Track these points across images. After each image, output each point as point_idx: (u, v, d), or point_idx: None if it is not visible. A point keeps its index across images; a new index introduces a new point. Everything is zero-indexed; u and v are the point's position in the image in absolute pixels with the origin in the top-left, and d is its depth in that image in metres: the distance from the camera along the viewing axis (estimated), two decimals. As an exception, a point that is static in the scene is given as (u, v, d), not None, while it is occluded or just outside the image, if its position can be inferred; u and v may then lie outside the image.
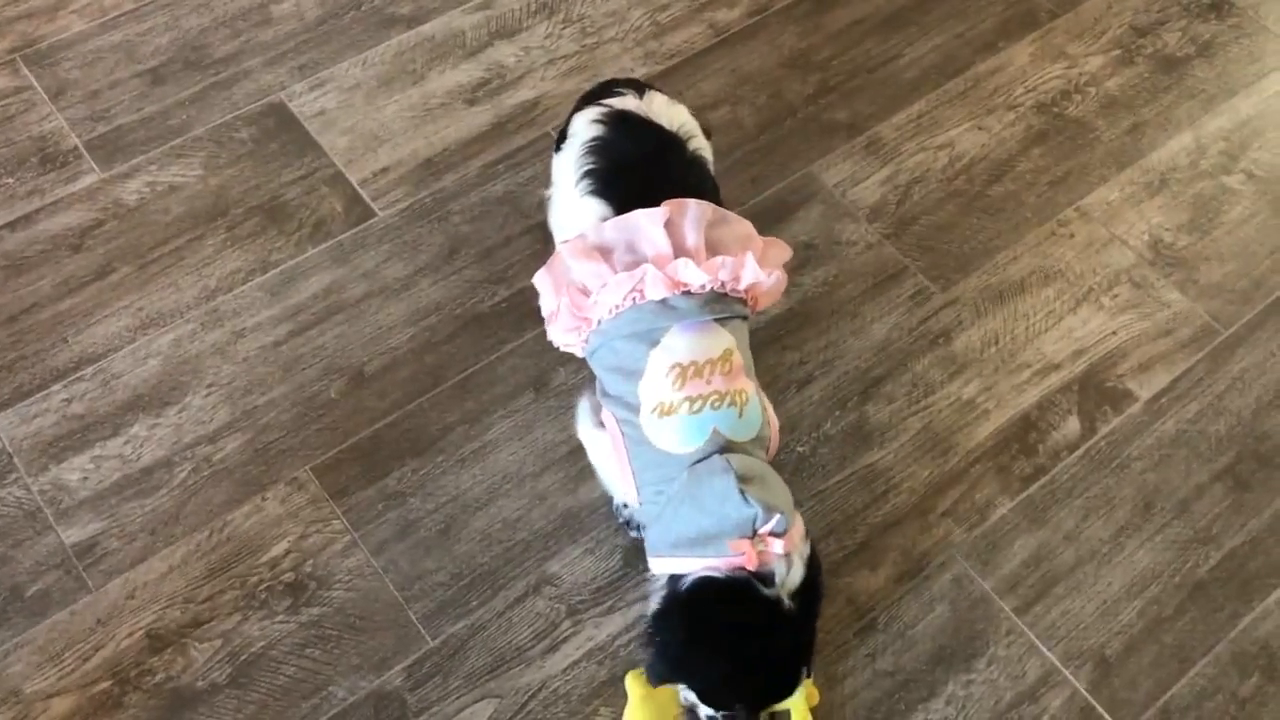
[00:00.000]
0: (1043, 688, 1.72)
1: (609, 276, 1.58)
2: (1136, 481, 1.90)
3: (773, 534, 1.47)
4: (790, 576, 1.48)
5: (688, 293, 1.57)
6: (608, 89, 1.82)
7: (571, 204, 1.73)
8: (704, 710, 1.55)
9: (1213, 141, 2.32)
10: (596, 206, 1.68)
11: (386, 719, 1.65)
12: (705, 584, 1.48)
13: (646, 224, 1.59)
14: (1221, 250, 2.17)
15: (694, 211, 1.61)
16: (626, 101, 1.77)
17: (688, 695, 1.56)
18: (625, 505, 1.76)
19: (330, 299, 2.03)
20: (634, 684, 1.62)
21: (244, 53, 2.33)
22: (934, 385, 1.98)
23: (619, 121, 1.75)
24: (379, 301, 2.03)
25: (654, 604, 1.55)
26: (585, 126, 1.76)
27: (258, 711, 1.66)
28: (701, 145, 1.79)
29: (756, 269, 1.60)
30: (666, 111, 1.78)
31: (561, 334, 1.67)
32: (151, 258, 2.06)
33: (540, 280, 1.66)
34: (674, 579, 1.52)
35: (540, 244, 2.09)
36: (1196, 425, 1.97)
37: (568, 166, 1.76)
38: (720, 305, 1.59)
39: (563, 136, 1.83)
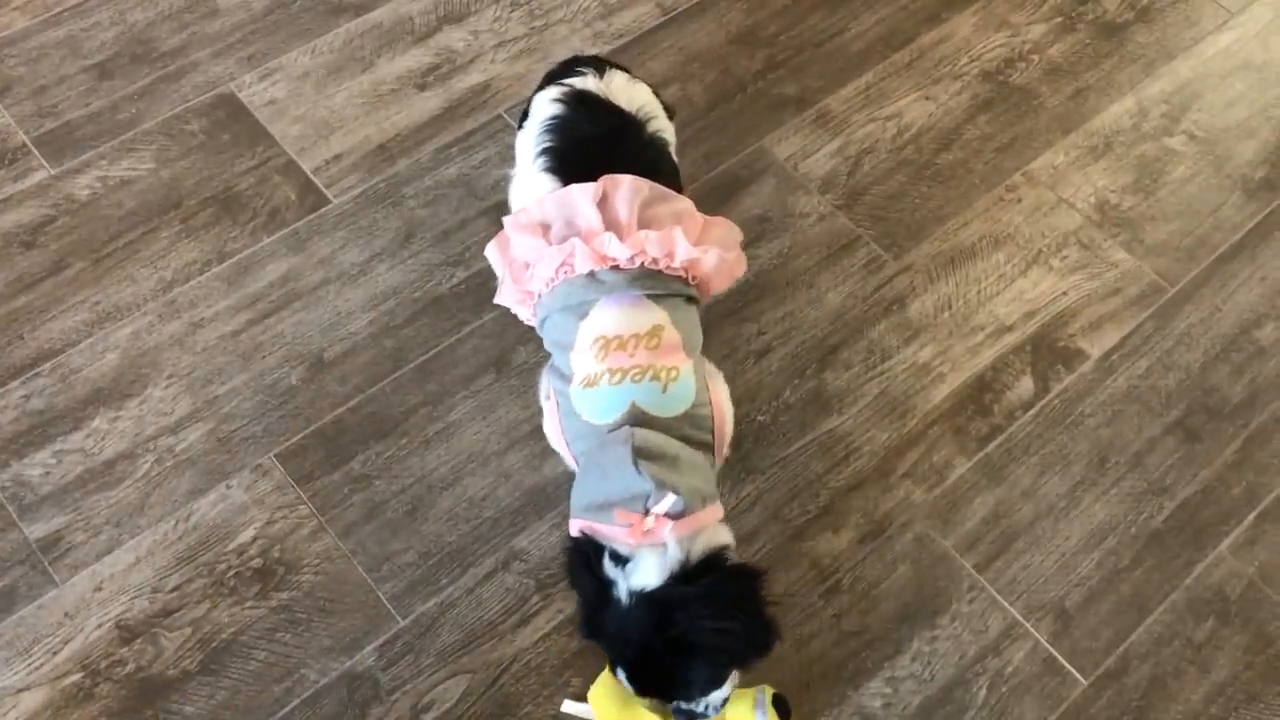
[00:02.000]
0: (1005, 641, 1.75)
1: (544, 250, 1.60)
2: (1090, 437, 1.94)
3: (668, 514, 1.44)
4: (644, 571, 1.43)
5: (616, 267, 1.58)
6: (569, 68, 1.83)
7: (528, 181, 1.75)
8: None
9: (1154, 105, 2.36)
10: (549, 183, 1.70)
11: (360, 699, 1.66)
12: (577, 541, 1.51)
13: (580, 199, 1.61)
14: (1166, 210, 2.21)
15: (628, 187, 1.62)
16: (587, 81, 1.79)
17: None
18: None
19: (288, 286, 2.03)
20: None
21: (191, 45, 2.32)
22: (890, 351, 2.01)
23: (577, 101, 1.76)
24: (336, 288, 2.03)
25: None
26: (545, 105, 1.78)
27: (230, 697, 1.66)
28: (662, 127, 1.80)
29: (688, 245, 1.59)
30: (626, 91, 1.79)
31: (514, 305, 1.70)
32: (106, 252, 2.05)
33: (490, 253, 1.69)
34: None
35: (496, 225, 2.10)
36: (1147, 380, 2.01)
37: (527, 144, 1.78)
38: (653, 281, 1.60)
39: (525, 115, 1.84)
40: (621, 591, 1.45)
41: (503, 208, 2.12)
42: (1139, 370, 2.02)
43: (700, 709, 1.51)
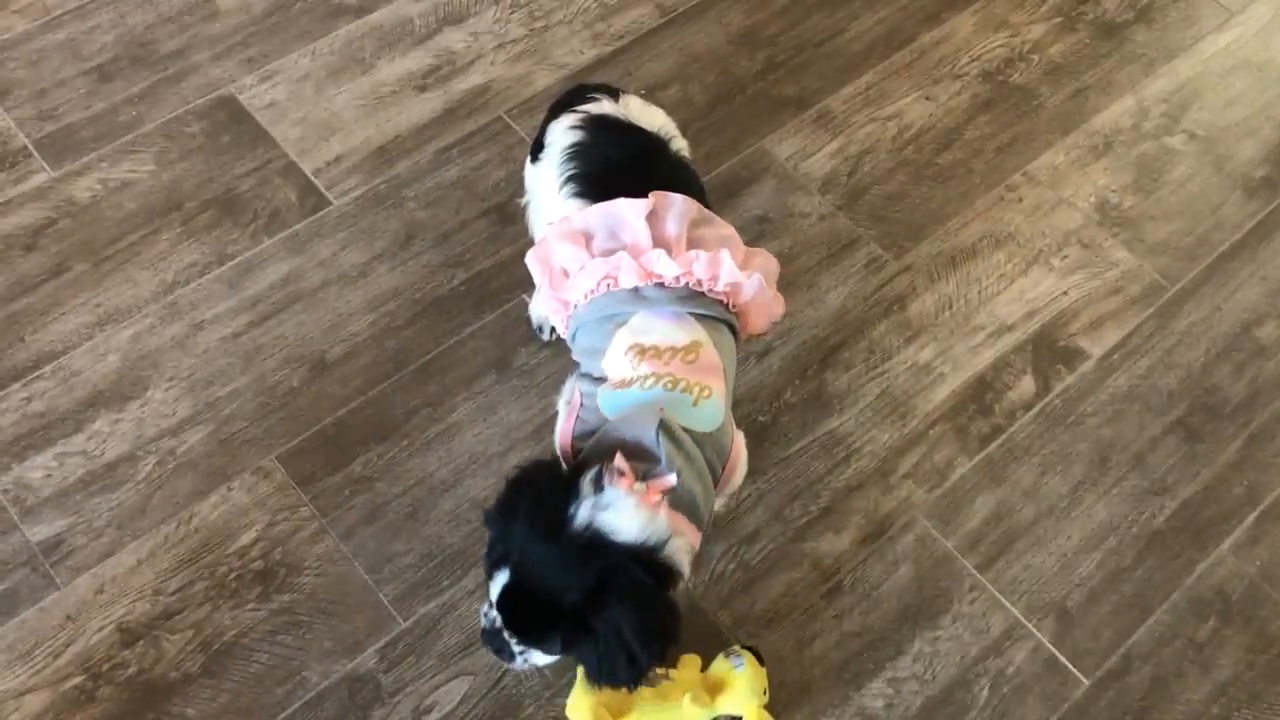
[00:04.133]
0: (1007, 641, 1.75)
1: (586, 260, 1.57)
2: (1091, 437, 1.94)
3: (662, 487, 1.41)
4: (622, 516, 1.37)
5: (661, 284, 1.56)
6: (580, 95, 1.79)
7: (554, 210, 1.70)
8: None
9: (1154, 104, 2.36)
10: (581, 209, 1.65)
11: (361, 701, 1.66)
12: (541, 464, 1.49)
13: (629, 213, 1.58)
14: (1166, 209, 2.21)
15: (679, 206, 1.60)
16: (603, 106, 1.75)
17: None
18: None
19: (288, 288, 2.03)
20: None
21: (191, 47, 2.33)
22: (891, 351, 2.01)
23: (598, 126, 1.72)
24: (337, 289, 2.03)
25: None
26: (563, 134, 1.73)
27: (232, 700, 1.66)
28: (683, 146, 1.77)
29: (733, 267, 1.56)
30: (644, 114, 1.76)
31: (549, 314, 1.67)
32: (106, 254, 2.05)
33: (530, 260, 1.65)
34: None
35: (497, 226, 2.11)
36: (1148, 380, 2.01)
37: (547, 174, 1.72)
38: (696, 303, 1.56)
39: (538, 146, 1.79)
40: (582, 512, 1.37)
41: (502, 208, 2.12)
42: (1140, 370, 2.02)
43: (518, 657, 1.47)
